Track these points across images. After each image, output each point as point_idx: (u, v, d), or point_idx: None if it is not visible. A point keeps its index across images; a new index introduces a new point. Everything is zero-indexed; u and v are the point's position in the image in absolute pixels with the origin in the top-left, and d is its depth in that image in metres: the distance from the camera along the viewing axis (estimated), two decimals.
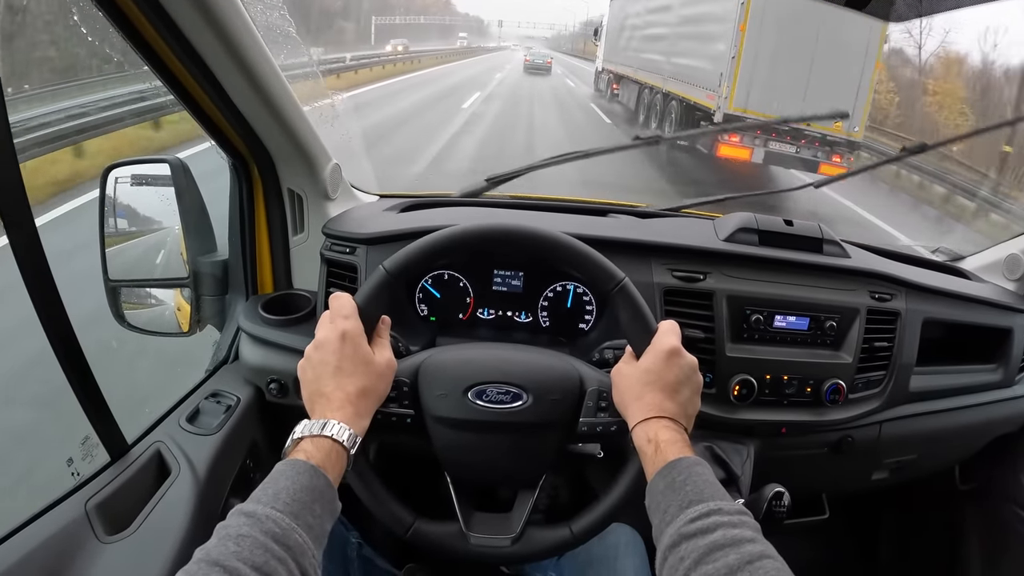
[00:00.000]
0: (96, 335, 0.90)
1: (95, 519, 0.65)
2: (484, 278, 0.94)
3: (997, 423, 1.12)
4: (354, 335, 0.59)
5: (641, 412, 0.59)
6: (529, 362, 0.67)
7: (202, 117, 0.79)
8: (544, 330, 0.95)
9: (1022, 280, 1.12)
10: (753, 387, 0.87)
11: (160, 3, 0.61)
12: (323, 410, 0.57)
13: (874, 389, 0.96)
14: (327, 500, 0.51)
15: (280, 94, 0.79)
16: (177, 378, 0.98)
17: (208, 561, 0.42)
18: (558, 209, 1.08)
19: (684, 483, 0.52)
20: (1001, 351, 1.08)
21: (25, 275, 0.59)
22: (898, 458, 1.07)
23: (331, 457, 0.53)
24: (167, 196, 0.90)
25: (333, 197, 0.96)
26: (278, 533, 0.45)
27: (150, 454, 0.75)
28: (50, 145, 4.05)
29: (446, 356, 0.67)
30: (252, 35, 0.70)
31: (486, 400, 0.63)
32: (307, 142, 0.88)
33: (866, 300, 0.93)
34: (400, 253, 0.65)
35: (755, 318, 0.89)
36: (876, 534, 1.43)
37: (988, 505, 1.22)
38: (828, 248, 0.95)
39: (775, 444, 0.93)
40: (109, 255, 0.88)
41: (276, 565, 0.43)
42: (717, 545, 0.46)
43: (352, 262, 0.89)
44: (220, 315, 0.96)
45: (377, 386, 0.60)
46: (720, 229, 0.95)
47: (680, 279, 0.88)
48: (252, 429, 0.88)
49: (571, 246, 0.66)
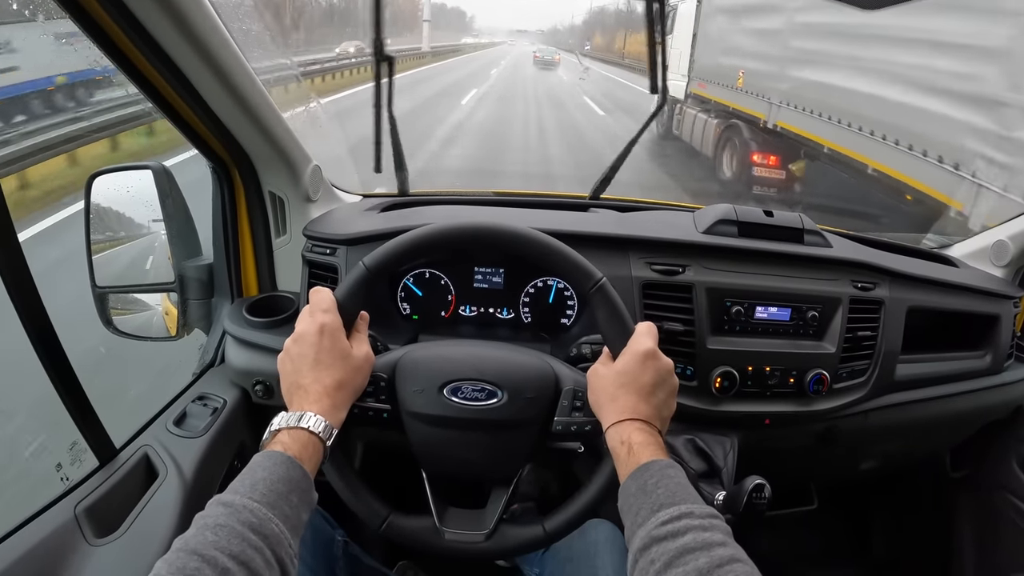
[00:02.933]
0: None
1: (84, 523, 0.66)
2: (465, 276, 0.94)
3: (986, 410, 1.12)
4: (332, 328, 0.60)
5: (615, 414, 0.59)
6: (505, 360, 0.67)
7: (181, 123, 0.80)
8: (526, 326, 0.96)
9: (1009, 266, 1.11)
10: (735, 379, 0.87)
11: (130, 10, 0.61)
12: (300, 402, 0.58)
13: (859, 378, 0.96)
14: (303, 491, 0.51)
15: (256, 98, 0.79)
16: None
17: (186, 550, 0.43)
18: (540, 205, 1.08)
19: (656, 486, 0.52)
20: (989, 338, 1.08)
21: (7, 283, 0.60)
22: (886, 447, 1.07)
23: (308, 449, 0.54)
24: (151, 202, 0.91)
25: (314, 199, 0.97)
26: (255, 523, 0.46)
27: (138, 458, 0.76)
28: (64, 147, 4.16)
29: (423, 352, 0.68)
30: (224, 40, 0.70)
31: (461, 397, 0.64)
32: (286, 145, 0.88)
33: (848, 289, 0.93)
34: (379, 250, 0.65)
35: (736, 310, 0.89)
36: (868, 523, 1.44)
37: (980, 492, 1.22)
38: (809, 238, 0.95)
39: (760, 436, 0.93)
40: (96, 262, 0.89)
41: (253, 554, 0.44)
42: (687, 548, 0.46)
43: (332, 263, 0.90)
44: (206, 318, 0.97)
45: (354, 379, 0.61)
46: (699, 221, 0.95)
47: (659, 272, 0.88)
48: (239, 431, 0.89)
49: (548, 245, 0.66)
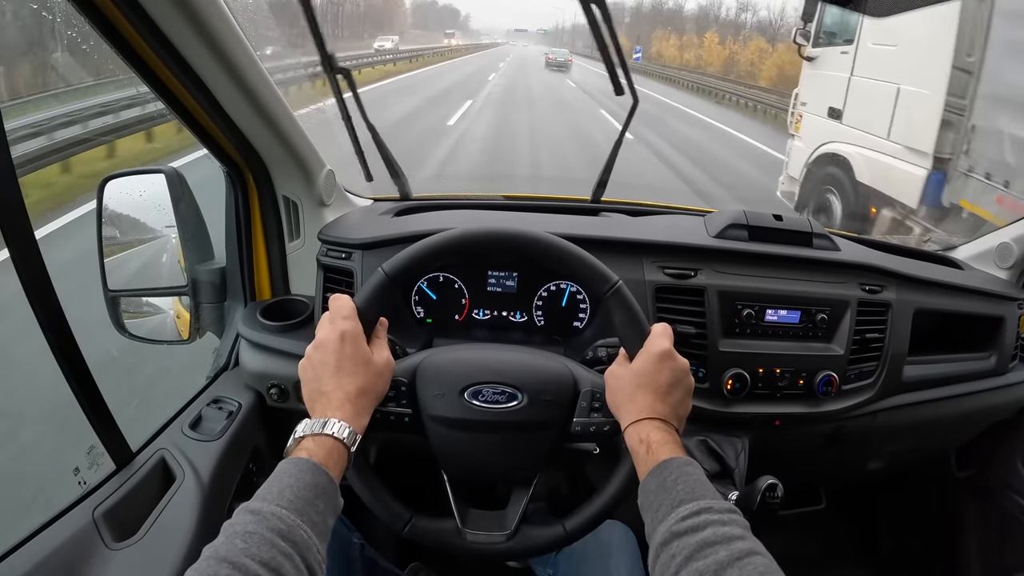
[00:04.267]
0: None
1: (103, 527, 0.66)
2: (479, 279, 0.95)
3: (992, 411, 1.13)
4: (353, 335, 0.61)
5: (633, 413, 0.60)
6: (524, 363, 0.68)
7: (195, 126, 0.80)
8: (539, 329, 0.96)
9: (1013, 268, 1.13)
10: (746, 381, 0.88)
11: (146, 12, 0.61)
12: (323, 409, 0.58)
13: (867, 380, 0.97)
14: (329, 496, 0.52)
15: (271, 102, 0.79)
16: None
17: (217, 558, 0.43)
18: (549, 209, 1.09)
19: (675, 482, 0.53)
20: (994, 339, 1.09)
21: (26, 287, 0.60)
22: (893, 448, 1.08)
23: (332, 455, 0.54)
24: (164, 206, 0.91)
25: (328, 203, 0.97)
26: (283, 529, 0.46)
27: (155, 461, 0.76)
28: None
29: (443, 357, 0.68)
30: (240, 43, 0.70)
31: (482, 400, 0.64)
32: (300, 149, 0.89)
33: (856, 292, 0.94)
34: (399, 256, 0.66)
35: (746, 313, 0.90)
36: (874, 523, 1.45)
37: (986, 493, 1.23)
38: (818, 242, 0.96)
39: (770, 437, 0.94)
40: (108, 266, 0.89)
41: (283, 560, 0.44)
42: (707, 542, 0.47)
43: (348, 267, 0.90)
44: (219, 322, 0.98)
45: (376, 385, 0.61)
46: (710, 226, 0.96)
47: (671, 276, 0.89)
48: (254, 434, 0.90)
49: (565, 249, 0.67)
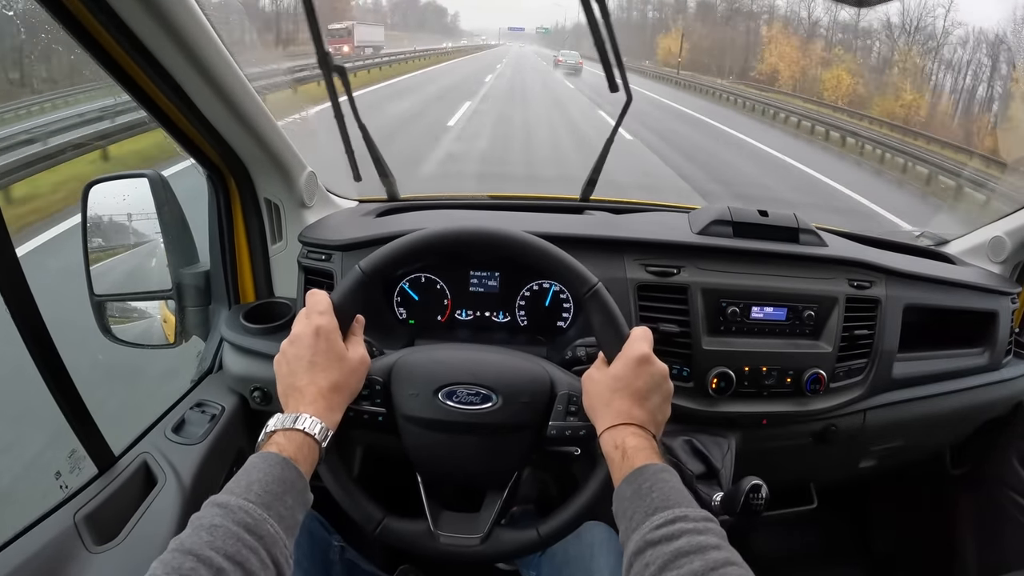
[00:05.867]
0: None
1: (84, 530, 0.67)
2: (461, 279, 0.94)
3: (985, 407, 1.12)
4: (328, 331, 0.61)
5: (610, 418, 0.59)
6: (500, 364, 0.67)
7: (175, 131, 0.80)
8: (523, 329, 0.96)
9: (1006, 263, 1.11)
10: (731, 380, 0.87)
11: (120, 17, 0.61)
12: (296, 404, 0.58)
13: (856, 377, 0.95)
14: (299, 491, 0.52)
15: (250, 105, 0.79)
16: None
17: (182, 551, 0.43)
18: (534, 208, 1.08)
19: (650, 490, 0.52)
20: (987, 334, 1.07)
21: (4, 292, 0.60)
22: (885, 445, 1.07)
23: (303, 450, 0.54)
24: (148, 210, 0.91)
25: (309, 205, 0.97)
26: (250, 523, 0.46)
27: (136, 465, 0.77)
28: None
29: (418, 356, 0.68)
30: (216, 47, 0.70)
31: (456, 401, 0.64)
32: (280, 152, 0.89)
33: (844, 288, 0.93)
34: (375, 254, 0.66)
35: (731, 310, 0.89)
36: (868, 521, 1.43)
37: (981, 489, 1.22)
38: (804, 237, 0.94)
39: (757, 436, 0.93)
40: (94, 271, 0.90)
41: (248, 554, 0.44)
42: (682, 552, 0.46)
43: (328, 268, 0.90)
44: (204, 325, 0.98)
45: (349, 381, 0.61)
46: (694, 222, 0.95)
47: (654, 274, 0.89)
48: (237, 437, 0.90)
49: (543, 249, 0.66)
